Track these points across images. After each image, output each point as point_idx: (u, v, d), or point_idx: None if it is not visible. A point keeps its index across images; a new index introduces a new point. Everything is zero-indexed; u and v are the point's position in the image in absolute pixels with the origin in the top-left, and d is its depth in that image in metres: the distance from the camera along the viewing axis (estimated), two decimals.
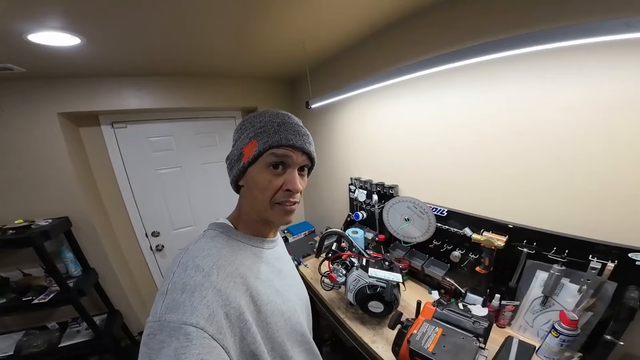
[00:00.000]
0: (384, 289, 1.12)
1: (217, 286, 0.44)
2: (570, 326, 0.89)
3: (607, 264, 0.83)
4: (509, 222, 1.08)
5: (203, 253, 0.49)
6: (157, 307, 0.40)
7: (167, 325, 0.37)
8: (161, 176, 2.23)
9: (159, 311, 0.39)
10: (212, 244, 0.52)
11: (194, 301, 0.40)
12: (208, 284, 0.43)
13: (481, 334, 0.91)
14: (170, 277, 0.44)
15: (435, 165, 1.35)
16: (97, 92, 1.74)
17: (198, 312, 0.39)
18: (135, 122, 2.06)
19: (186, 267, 0.45)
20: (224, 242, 0.54)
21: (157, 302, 0.41)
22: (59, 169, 1.67)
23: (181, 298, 0.40)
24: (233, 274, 0.48)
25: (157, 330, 0.37)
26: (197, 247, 0.50)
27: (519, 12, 0.91)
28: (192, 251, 0.49)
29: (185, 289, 0.42)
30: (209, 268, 0.46)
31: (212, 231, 0.56)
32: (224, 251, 0.51)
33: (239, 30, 1.26)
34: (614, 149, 0.81)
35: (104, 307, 1.99)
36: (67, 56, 1.32)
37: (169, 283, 0.43)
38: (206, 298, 0.42)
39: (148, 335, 0.37)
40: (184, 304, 0.40)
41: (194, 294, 0.41)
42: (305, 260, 1.86)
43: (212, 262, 0.47)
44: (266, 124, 0.53)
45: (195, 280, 0.43)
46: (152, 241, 2.31)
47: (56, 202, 1.70)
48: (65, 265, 1.74)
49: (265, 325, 0.51)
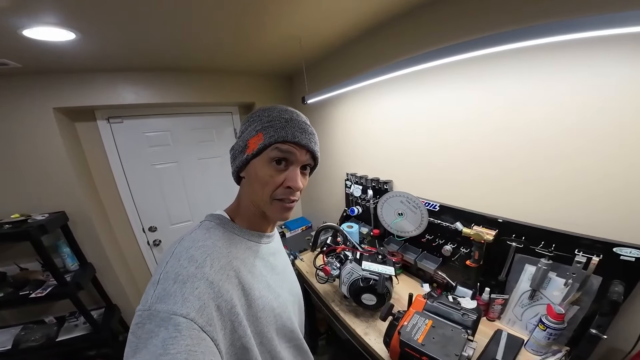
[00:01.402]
0: (377, 281, 1.14)
1: (210, 278, 0.44)
2: (556, 320, 0.90)
3: (592, 258, 0.85)
4: (499, 217, 1.10)
5: (198, 244, 0.48)
6: (147, 296, 0.40)
7: (157, 315, 0.37)
8: (158, 171, 2.23)
9: (149, 300, 0.39)
10: (208, 236, 0.52)
11: (185, 292, 0.40)
12: (201, 276, 0.43)
13: (469, 326, 0.93)
14: (163, 267, 0.44)
15: (428, 161, 1.37)
16: (93, 87, 1.73)
17: (189, 303, 0.39)
18: (132, 117, 2.06)
19: (180, 257, 0.45)
20: (220, 235, 0.54)
21: (148, 291, 0.41)
22: (56, 163, 1.67)
23: (172, 288, 0.40)
24: (226, 267, 0.48)
25: (146, 320, 0.37)
26: (192, 238, 0.50)
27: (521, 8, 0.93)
28: (186, 241, 0.49)
29: (177, 279, 0.41)
30: (202, 259, 0.46)
31: (208, 222, 0.56)
32: (219, 243, 0.51)
33: (236, 25, 1.26)
34: (601, 146, 0.83)
35: (102, 302, 1.99)
36: (63, 51, 1.31)
37: (161, 272, 0.43)
38: (198, 289, 0.41)
39: (137, 324, 0.37)
40: (175, 294, 0.39)
41: (186, 285, 0.41)
42: (301, 255, 1.88)
43: (207, 253, 0.47)
44: (274, 118, 0.53)
45: (188, 271, 0.43)
46: (150, 236, 2.32)
47: (53, 197, 1.70)
48: (62, 260, 1.74)
49: (255, 320, 0.51)
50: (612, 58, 0.76)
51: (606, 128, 0.81)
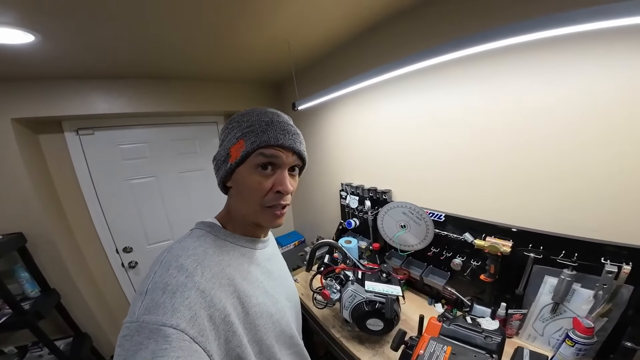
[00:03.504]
0: (383, 304, 1.02)
1: (201, 287, 0.42)
2: (586, 334, 0.83)
3: (623, 266, 0.78)
4: (513, 226, 1.02)
5: (187, 252, 0.47)
6: (134, 307, 0.38)
7: (145, 327, 0.35)
8: (133, 187, 2.04)
9: (137, 312, 0.37)
10: (198, 244, 0.50)
11: (175, 302, 0.39)
12: (191, 285, 0.42)
13: (495, 350, 0.81)
14: (151, 277, 0.42)
15: (431, 168, 1.29)
16: (59, 96, 1.57)
17: (179, 313, 0.38)
18: (104, 128, 1.88)
19: (169, 266, 0.43)
20: (211, 242, 0.52)
21: (135, 303, 0.39)
22: (12, 180, 1.47)
23: (161, 299, 0.38)
24: (219, 275, 0.47)
25: (134, 332, 0.35)
26: (181, 247, 0.48)
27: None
28: (175, 250, 0.47)
29: (166, 289, 0.40)
30: (192, 268, 0.44)
31: (198, 230, 0.54)
32: (210, 251, 0.50)
33: (218, 27, 1.15)
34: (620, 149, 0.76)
35: (70, 330, 1.77)
36: (22, 55, 1.17)
37: (149, 283, 0.41)
38: (188, 299, 0.40)
39: (124, 337, 0.35)
40: (164, 305, 0.38)
41: (175, 295, 0.39)
42: (295, 274, 1.73)
43: (197, 262, 0.45)
44: (254, 122, 0.51)
45: (178, 280, 0.41)
46: (124, 257, 2.09)
47: (8, 217, 1.49)
48: (20, 286, 1.54)
49: (253, 328, 0.50)
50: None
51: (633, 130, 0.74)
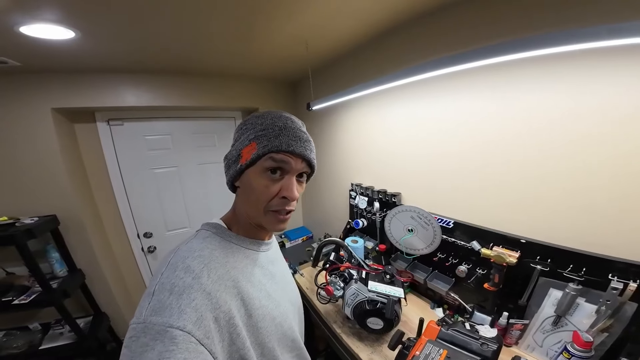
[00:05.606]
0: (385, 304, 1.04)
1: (207, 289, 0.43)
2: (584, 348, 0.83)
3: (629, 283, 0.77)
4: (521, 237, 1.01)
5: (194, 254, 0.47)
6: (142, 308, 0.38)
7: (152, 328, 0.36)
8: (156, 176, 2.16)
9: (144, 313, 0.37)
10: (204, 245, 0.50)
11: (181, 304, 0.39)
12: (198, 287, 0.42)
13: (489, 357, 0.83)
14: (158, 278, 0.42)
15: (442, 174, 1.29)
16: (93, 88, 1.69)
17: (185, 315, 0.38)
18: (132, 119, 2.00)
19: (175, 267, 0.43)
20: (217, 244, 0.52)
21: (143, 304, 0.39)
22: (50, 166, 1.61)
23: (168, 300, 0.39)
24: (224, 277, 0.47)
25: (141, 333, 0.35)
26: (188, 248, 0.48)
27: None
28: (182, 251, 0.47)
29: (173, 290, 0.40)
30: (199, 270, 0.44)
31: (204, 231, 0.55)
32: (216, 253, 0.50)
33: (244, 25, 1.20)
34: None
35: (90, 309, 1.91)
36: (63, 50, 1.27)
37: (156, 284, 0.41)
38: (195, 301, 0.40)
39: (131, 338, 0.36)
40: (170, 306, 0.38)
41: (182, 296, 0.40)
42: (301, 269, 1.79)
43: (203, 263, 0.46)
44: (267, 126, 0.51)
45: (185, 282, 0.41)
46: (144, 242, 2.23)
47: (44, 200, 1.63)
48: (50, 265, 1.66)
49: (255, 330, 0.50)
50: None
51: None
